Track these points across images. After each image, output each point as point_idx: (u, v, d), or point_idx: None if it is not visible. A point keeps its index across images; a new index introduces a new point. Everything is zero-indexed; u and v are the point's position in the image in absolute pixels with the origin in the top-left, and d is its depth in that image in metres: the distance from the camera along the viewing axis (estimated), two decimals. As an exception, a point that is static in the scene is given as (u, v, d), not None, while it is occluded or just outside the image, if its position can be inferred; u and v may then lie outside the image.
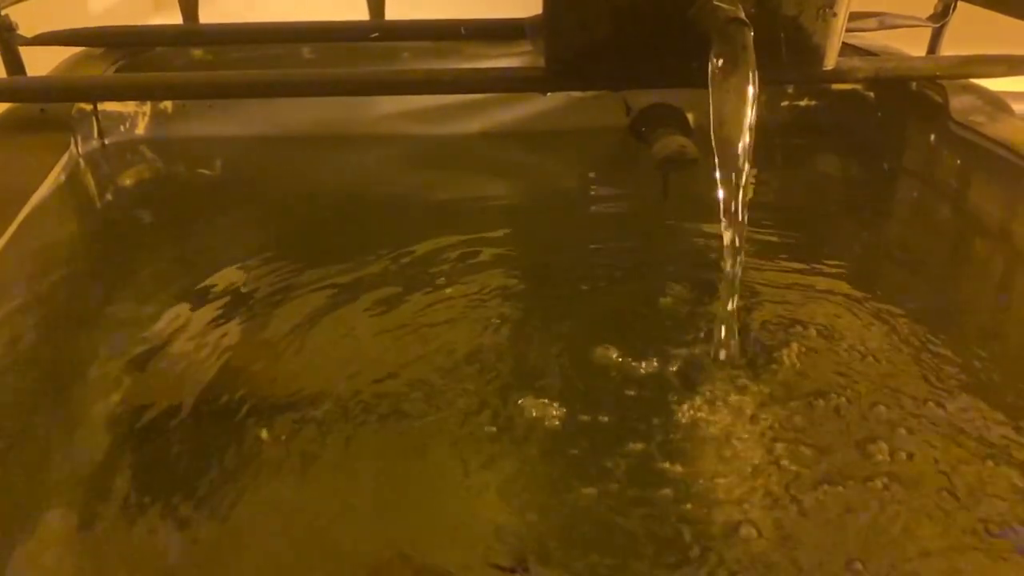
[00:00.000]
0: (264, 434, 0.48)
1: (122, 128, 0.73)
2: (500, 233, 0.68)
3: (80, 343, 0.54)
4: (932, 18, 0.77)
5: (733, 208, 0.49)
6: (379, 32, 0.71)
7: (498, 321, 0.58)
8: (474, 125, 0.80)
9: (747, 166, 0.49)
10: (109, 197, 0.68)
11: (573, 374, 0.52)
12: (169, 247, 0.67)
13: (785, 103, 0.81)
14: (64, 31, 0.69)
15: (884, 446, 0.46)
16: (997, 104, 0.65)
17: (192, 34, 0.71)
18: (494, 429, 0.48)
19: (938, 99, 0.68)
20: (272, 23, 0.73)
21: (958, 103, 0.66)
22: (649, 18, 0.53)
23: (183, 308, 0.59)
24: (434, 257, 0.65)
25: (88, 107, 0.67)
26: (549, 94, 0.79)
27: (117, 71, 0.71)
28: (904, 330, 0.56)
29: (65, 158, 0.60)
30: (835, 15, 0.55)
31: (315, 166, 0.75)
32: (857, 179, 0.77)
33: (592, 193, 0.77)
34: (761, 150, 0.50)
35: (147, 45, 0.73)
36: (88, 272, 0.59)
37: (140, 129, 0.75)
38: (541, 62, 0.57)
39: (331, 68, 0.74)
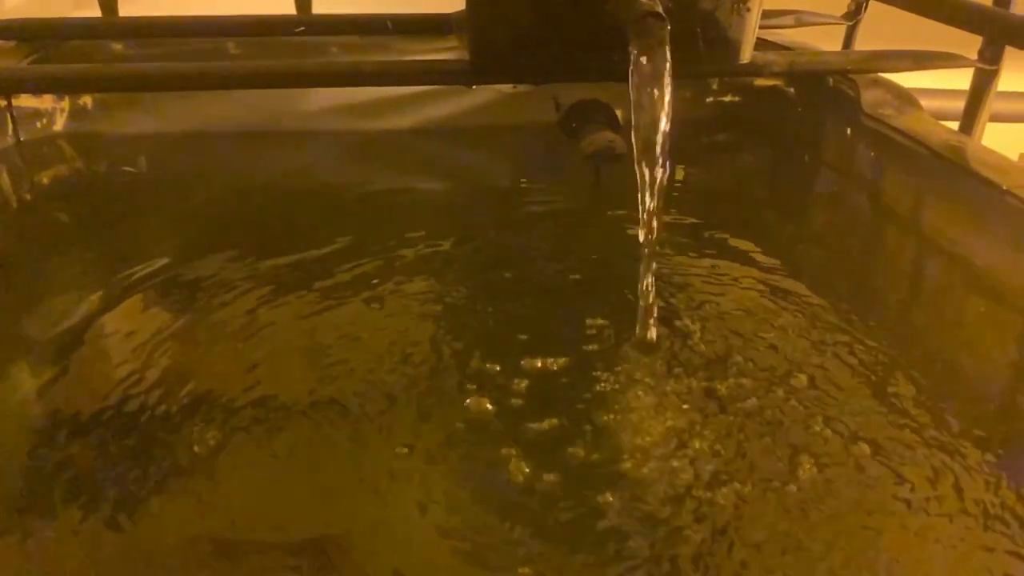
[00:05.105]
0: (191, 433, 0.47)
1: (39, 124, 0.71)
2: (431, 227, 0.68)
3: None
4: (846, 16, 0.81)
5: (649, 199, 0.50)
6: (305, 26, 0.71)
7: (429, 315, 0.58)
8: (405, 121, 0.80)
9: (664, 159, 0.50)
10: (26, 196, 0.66)
11: (503, 368, 0.52)
12: (90, 246, 0.66)
13: (710, 99, 0.83)
14: (-27, 23, 0.67)
15: (790, 426, 0.48)
16: (905, 98, 0.68)
17: (110, 27, 0.70)
18: (428, 425, 0.48)
19: (851, 93, 0.70)
20: (195, 16, 0.71)
21: (869, 97, 0.68)
22: (569, 11, 0.54)
23: (103, 308, 0.58)
24: (365, 254, 0.65)
25: (1, 103, 0.65)
26: (479, 90, 0.80)
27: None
28: (820, 314, 0.58)
29: (-25, 154, 0.58)
30: (749, 10, 0.56)
31: (241, 163, 0.74)
32: (778, 171, 0.80)
33: (523, 186, 0.78)
34: (687, 144, 0.51)
35: (62, 38, 0.71)
36: (3, 272, 0.57)
37: (58, 125, 0.73)
38: (467, 56, 0.57)
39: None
